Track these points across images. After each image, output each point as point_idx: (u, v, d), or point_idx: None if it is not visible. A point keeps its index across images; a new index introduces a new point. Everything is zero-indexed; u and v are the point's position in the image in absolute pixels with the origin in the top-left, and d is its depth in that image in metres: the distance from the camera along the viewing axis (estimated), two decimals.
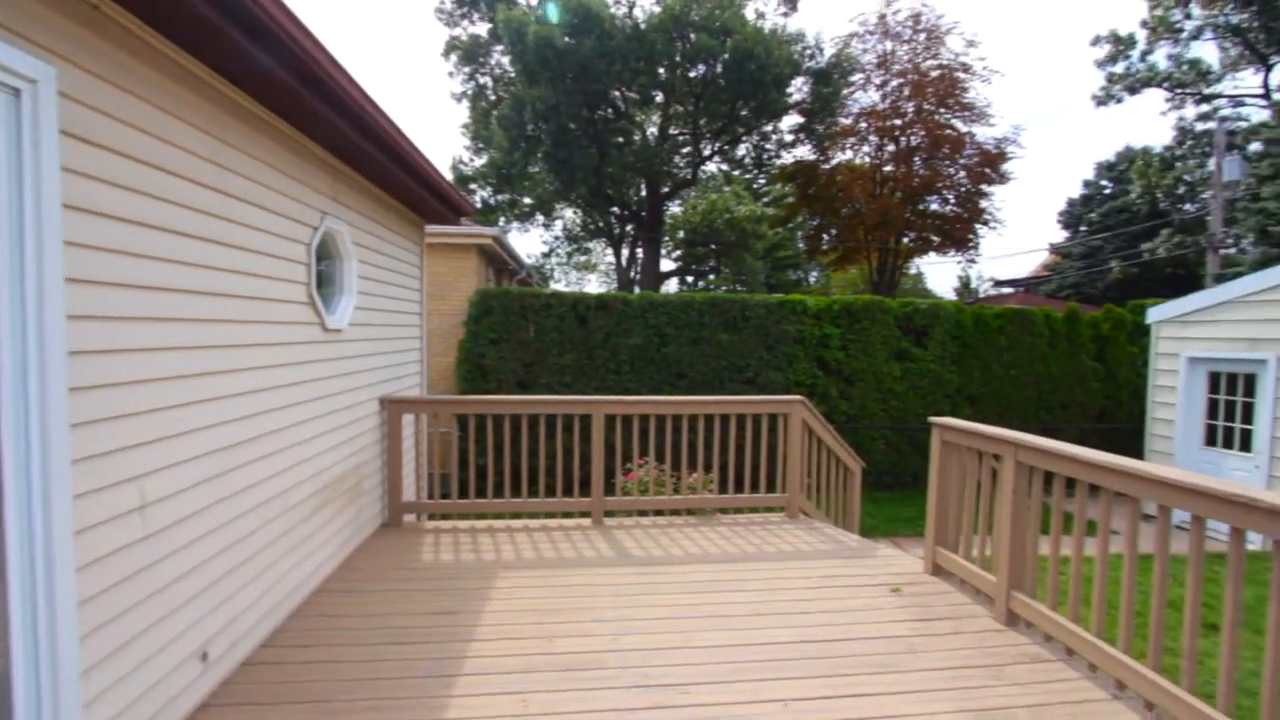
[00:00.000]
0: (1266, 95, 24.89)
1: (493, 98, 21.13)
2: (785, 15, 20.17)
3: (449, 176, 11.75)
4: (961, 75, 20.97)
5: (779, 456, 5.20)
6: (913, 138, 21.71)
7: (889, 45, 21.60)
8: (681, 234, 24.05)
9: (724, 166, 23.69)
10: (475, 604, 3.54)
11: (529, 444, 6.24)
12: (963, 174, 21.30)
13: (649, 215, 21.07)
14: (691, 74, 17.92)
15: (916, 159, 21.85)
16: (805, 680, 2.81)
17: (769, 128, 21.10)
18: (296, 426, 3.47)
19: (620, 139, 18.32)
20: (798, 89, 19.04)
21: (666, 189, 21.32)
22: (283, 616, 3.31)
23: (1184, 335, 8.34)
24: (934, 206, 22.18)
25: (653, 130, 21.16)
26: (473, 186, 21.73)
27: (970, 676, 2.88)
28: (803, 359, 8.87)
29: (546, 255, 28.52)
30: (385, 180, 4.56)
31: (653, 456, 5.51)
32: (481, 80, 21.62)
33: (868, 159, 22.41)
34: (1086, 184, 31.60)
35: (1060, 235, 32.73)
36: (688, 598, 3.67)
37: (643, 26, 16.31)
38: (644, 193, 21.45)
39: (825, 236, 24.17)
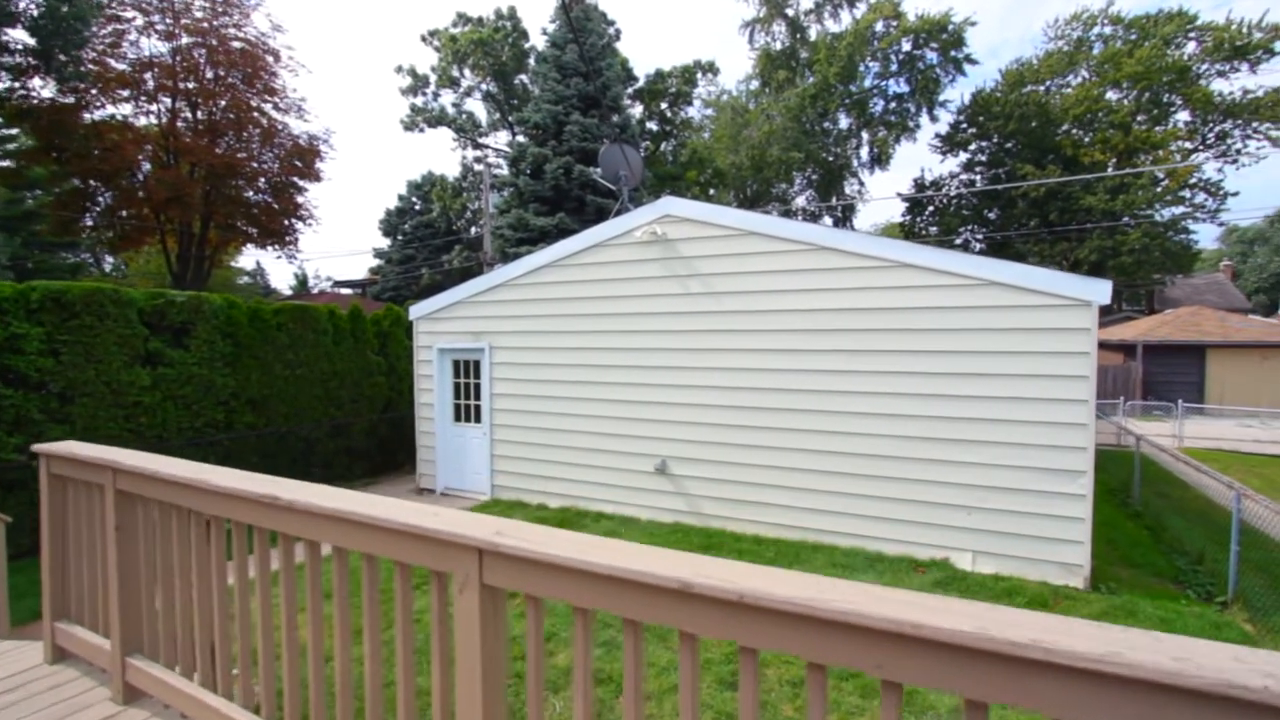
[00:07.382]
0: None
1: None
2: None
3: None
4: (269, 59, 19.74)
5: None
6: (215, 111, 19.13)
7: None
8: None
9: None
10: None
11: None
12: (276, 164, 20.17)
13: None
14: None
15: (225, 137, 19.39)
16: None
17: None
18: None
19: None
20: None
21: None
22: None
23: (435, 330, 9.82)
24: (248, 194, 20.23)
25: None
26: None
27: None
28: None
29: None
30: None
31: None
32: None
33: (154, 120, 18.44)
34: (401, 198, 35.76)
35: (384, 242, 36.02)
36: None
37: None
38: None
39: (91, 206, 18.63)
